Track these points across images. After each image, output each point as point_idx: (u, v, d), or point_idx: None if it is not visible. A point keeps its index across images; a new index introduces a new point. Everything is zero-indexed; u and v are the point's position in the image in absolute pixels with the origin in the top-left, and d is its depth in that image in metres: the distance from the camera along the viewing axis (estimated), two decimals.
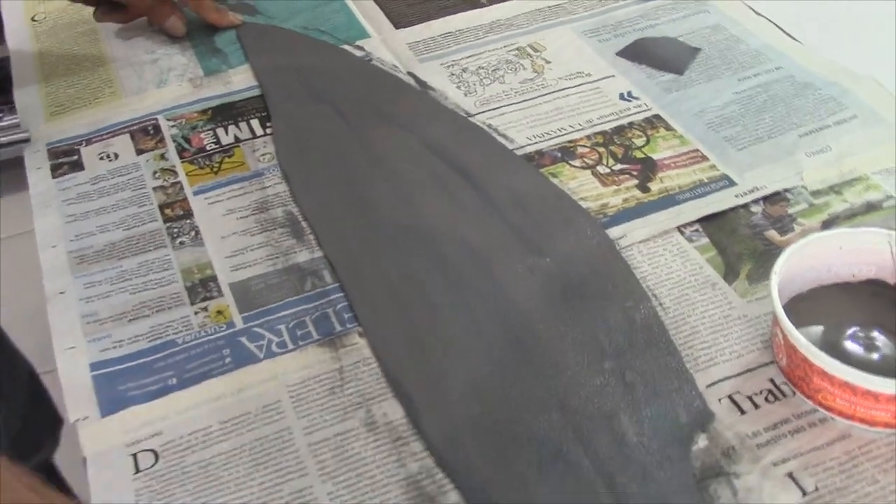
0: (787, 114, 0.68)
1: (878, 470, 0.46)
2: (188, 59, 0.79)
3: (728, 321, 0.54)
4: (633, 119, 0.69)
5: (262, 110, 0.72)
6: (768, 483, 0.46)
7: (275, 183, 0.66)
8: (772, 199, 0.61)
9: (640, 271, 0.57)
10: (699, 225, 0.60)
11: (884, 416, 0.47)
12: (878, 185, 0.62)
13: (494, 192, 0.63)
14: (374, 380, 0.52)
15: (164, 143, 0.70)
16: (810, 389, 0.49)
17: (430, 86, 0.73)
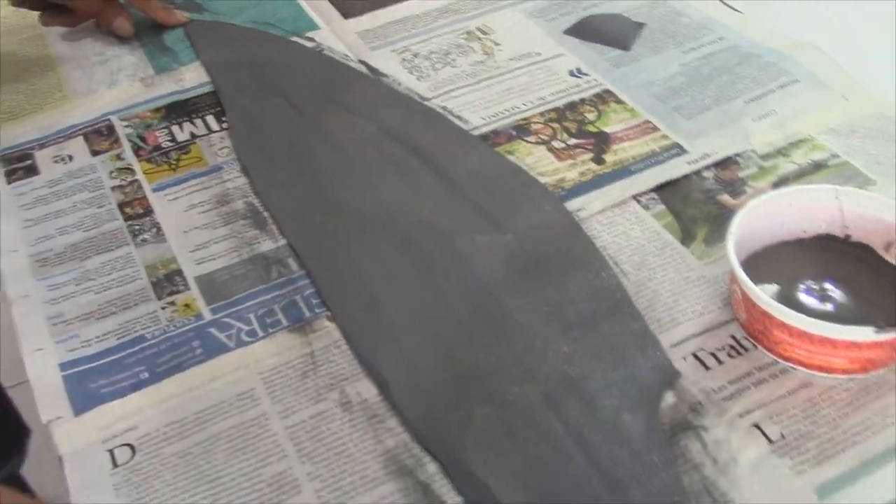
0: (731, 82, 0.69)
1: (839, 414, 0.48)
2: (138, 58, 0.79)
3: (688, 283, 0.55)
4: (584, 95, 0.70)
5: (217, 106, 0.72)
6: (735, 434, 0.47)
7: (234, 176, 0.66)
8: (722, 164, 0.63)
9: (599, 241, 0.58)
10: (654, 193, 0.61)
11: (841, 363, 0.49)
12: (823, 146, 0.64)
13: (453, 172, 0.64)
14: (346, 361, 0.53)
15: (120, 143, 0.70)
16: (770, 342, 0.50)
17: (382, 73, 0.74)
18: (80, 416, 0.51)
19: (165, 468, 0.48)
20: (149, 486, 0.48)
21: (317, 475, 0.47)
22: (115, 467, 0.49)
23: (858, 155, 0.63)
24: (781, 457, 0.46)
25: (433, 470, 0.47)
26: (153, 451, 0.49)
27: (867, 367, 0.49)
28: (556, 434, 0.48)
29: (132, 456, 0.49)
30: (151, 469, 0.48)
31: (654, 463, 0.46)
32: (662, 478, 0.46)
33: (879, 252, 0.54)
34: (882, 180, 0.61)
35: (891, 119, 0.65)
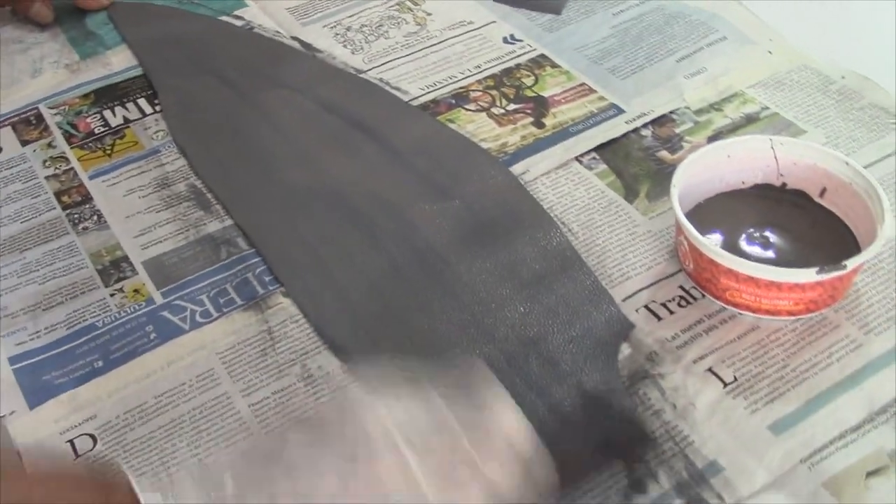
0: (662, 41, 0.71)
1: (787, 354, 0.50)
2: (61, 44, 0.77)
3: (634, 238, 0.57)
4: (520, 61, 0.71)
5: (148, 88, 0.71)
6: (691, 379, 0.49)
7: (173, 159, 0.65)
8: (659, 121, 0.64)
9: (546, 202, 0.59)
10: (595, 153, 0.62)
11: (786, 305, 0.50)
12: (753, 99, 0.65)
13: (395, 142, 0.64)
14: (305, 335, 0.53)
15: (50, 131, 0.68)
16: (718, 289, 0.52)
17: (316, 48, 0.73)
18: (35, 409, 0.50)
19: (130, 454, 0.48)
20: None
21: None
22: (77, 457, 0.48)
23: (787, 106, 0.65)
24: (736, 398, 0.48)
25: None
26: (115, 439, 0.48)
27: (810, 308, 0.51)
28: (519, 391, 0.49)
29: (94, 445, 0.48)
30: (115, 457, 0.48)
31: (616, 413, 0.48)
32: (625, 427, 0.47)
33: (814, 198, 0.56)
34: (811, 129, 0.63)
35: (814, 70, 0.67)
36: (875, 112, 0.64)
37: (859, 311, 0.51)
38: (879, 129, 0.63)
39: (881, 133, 0.62)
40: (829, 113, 0.64)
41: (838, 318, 0.51)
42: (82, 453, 0.48)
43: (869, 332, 0.50)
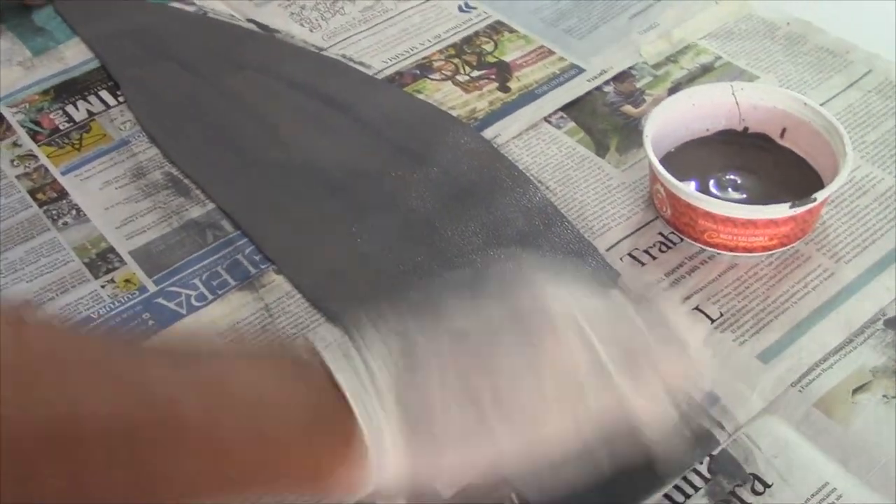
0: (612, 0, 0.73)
1: (766, 287, 0.53)
2: (10, 42, 0.75)
3: (610, 190, 0.59)
4: (477, 28, 0.72)
5: (108, 80, 0.71)
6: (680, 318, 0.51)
7: (144, 148, 0.65)
8: (619, 77, 0.66)
9: (521, 163, 0.61)
10: (562, 112, 0.64)
11: (762, 241, 0.53)
12: (706, 50, 0.68)
13: (366, 116, 0.65)
14: (303, 310, 0.54)
15: (13, 130, 0.67)
16: (696, 232, 0.54)
17: (273, 28, 0.74)
18: None
19: None
20: None
21: None
22: None
23: (738, 55, 0.67)
24: (724, 332, 0.51)
25: None
26: None
27: (783, 243, 0.54)
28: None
29: None
30: None
31: None
32: None
33: (776, 139, 0.59)
34: (763, 75, 0.66)
35: (760, 19, 0.70)
36: (821, 54, 0.67)
37: (828, 241, 0.54)
38: (826, 70, 0.66)
39: (828, 74, 0.65)
40: (777, 58, 0.67)
41: (809, 249, 0.54)
42: None
43: (839, 260, 0.53)
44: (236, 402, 0.34)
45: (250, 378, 0.35)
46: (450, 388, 0.35)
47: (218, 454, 0.33)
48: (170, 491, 0.33)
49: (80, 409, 0.31)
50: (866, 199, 0.56)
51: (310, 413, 0.35)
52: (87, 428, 0.31)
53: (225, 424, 0.33)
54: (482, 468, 0.36)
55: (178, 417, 0.33)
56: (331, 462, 0.35)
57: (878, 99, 0.63)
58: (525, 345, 0.35)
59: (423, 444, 0.35)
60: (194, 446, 0.33)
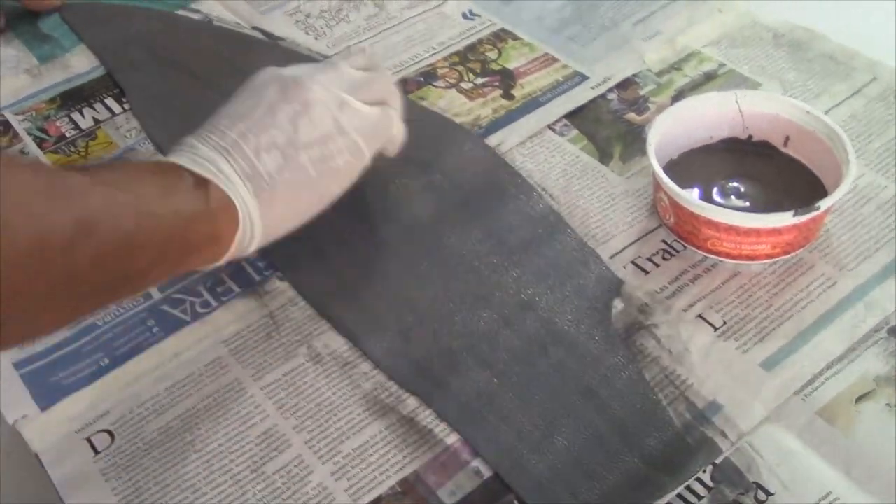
0: (616, 7, 0.73)
1: (770, 296, 0.53)
2: (17, 49, 0.76)
3: (613, 198, 0.59)
4: (482, 35, 0.72)
5: (114, 88, 0.71)
6: (683, 326, 0.51)
7: (150, 155, 0.65)
8: (623, 85, 0.67)
9: (524, 171, 0.61)
10: (566, 120, 0.64)
11: (765, 249, 0.53)
12: (710, 57, 0.68)
13: None
14: (307, 317, 0.54)
15: (20, 137, 0.68)
16: (699, 240, 0.54)
17: (278, 36, 0.74)
18: (47, 411, 0.50)
19: (150, 446, 0.49)
20: (137, 465, 0.48)
21: (303, 427, 0.49)
22: (97, 454, 0.48)
23: (742, 62, 0.67)
24: (727, 340, 0.51)
25: (414, 403, 0.49)
26: (133, 433, 0.49)
27: (787, 251, 0.54)
28: (521, 352, 0.51)
29: (112, 440, 0.49)
30: (135, 450, 0.49)
31: (617, 363, 0.50)
32: (626, 374, 0.49)
33: (779, 147, 0.59)
34: (767, 82, 0.66)
35: (763, 26, 0.70)
36: (824, 62, 0.67)
37: (831, 250, 0.54)
38: (830, 77, 0.66)
39: (832, 82, 0.65)
40: (781, 66, 0.67)
41: (813, 258, 0.54)
42: (102, 450, 0.49)
43: (842, 268, 0.53)
44: (157, 208, 0.44)
45: (157, 188, 0.45)
46: (262, 150, 0.48)
47: (165, 238, 0.44)
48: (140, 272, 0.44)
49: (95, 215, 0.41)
50: (870, 208, 0.56)
51: (201, 198, 0.46)
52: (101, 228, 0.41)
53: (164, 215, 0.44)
54: (306, 199, 0.50)
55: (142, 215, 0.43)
56: (229, 239, 0.47)
57: (882, 107, 0.63)
58: (290, 101, 0.50)
59: (263, 194, 0.47)
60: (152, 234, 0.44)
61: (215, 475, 0.47)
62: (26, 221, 0.38)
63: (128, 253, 0.42)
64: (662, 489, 0.44)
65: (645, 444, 0.46)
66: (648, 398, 0.48)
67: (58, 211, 0.39)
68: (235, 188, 0.47)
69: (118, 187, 0.43)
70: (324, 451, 0.48)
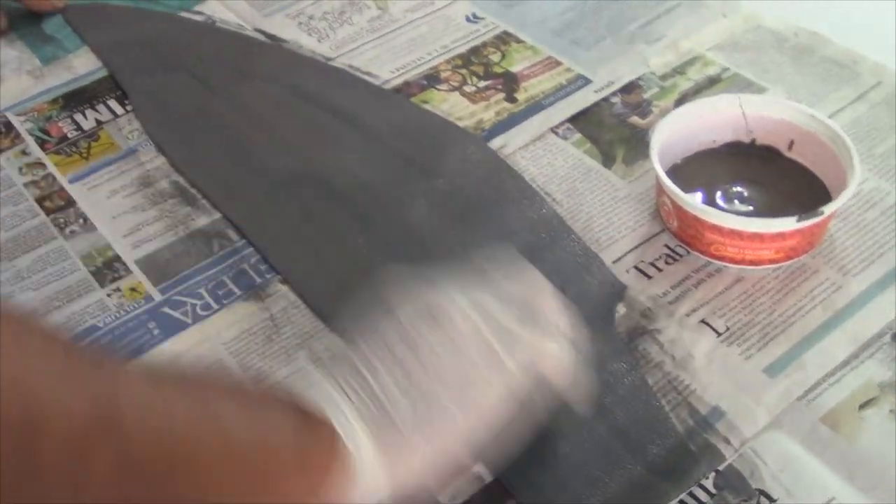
0: (620, 11, 0.73)
1: (773, 301, 0.52)
2: (19, 51, 0.76)
3: (616, 202, 0.59)
4: (485, 38, 0.72)
5: (116, 89, 0.71)
6: (686, 331, 0.51)
7: (152, 157, 0.65)
8: (626, 88, 0.66)
9: (527, 174, 0.61)
10: (569, 123, 0.64)
11: (768, 254, 0.53)
12: (713, 61, 0.68)
13: (373, 126, 0.65)
14: (307, 320, 0.54)
15: (21, 138, 0.68)
16: (703, 244, 0.54)
17: (281, 38, 0.74)
18: None
19: None
20: None
21: None
22: None
23: (746, 66, 0.67)
24: (730, 346, 0.50)
25: None
26: None
27: (790, 256, 0.54)
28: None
29: None
30: None
31: (620, 369, 0.50)
32: (630, 381, 0.49)
33: (783, 151, 0.59)
34: (771, 86, 0.65)
35: (768, 29, 0.70)
36: (829, 66, 0.67)
37: (835, 254, 0.54)
38: (834, 81, 0.65)
39: (836, 86, 0.65)
40: (785, 70, 0.67)
41: (817, 263, 0.54)
42: None
43: (846, 273, 0.53)
44: (230, 430, 0.34)
45: (238, 408, 0.36)
46: (394, 385, 0.38)
47: (232, 470, 0.34)
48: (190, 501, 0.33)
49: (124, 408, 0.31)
50: (874, 213, 0.56)
51: (295, 435, 0.36)
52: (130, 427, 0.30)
53: (237, 439, 0.34)
54: (448, 449, 0.39)
55: (202, 428, 0.33)
56: (321, 478, 0.36)
57: (887, 111, 0.62)
58: (438, 330, 0.40)
59: (389, 440, 0.37)
60: (212, 459, 0.33)
61: None
62: (22, 401, 0.27)
63: (164, 464, 0.31)
64: (665, 496, 0.44)
65: (648, 451, 0.46)
66: (651, 404, 0.48)
67: (71, 393, 0.29)
68: (356, 436, 0.37)
69: (173, 385, 0.34)
70: None
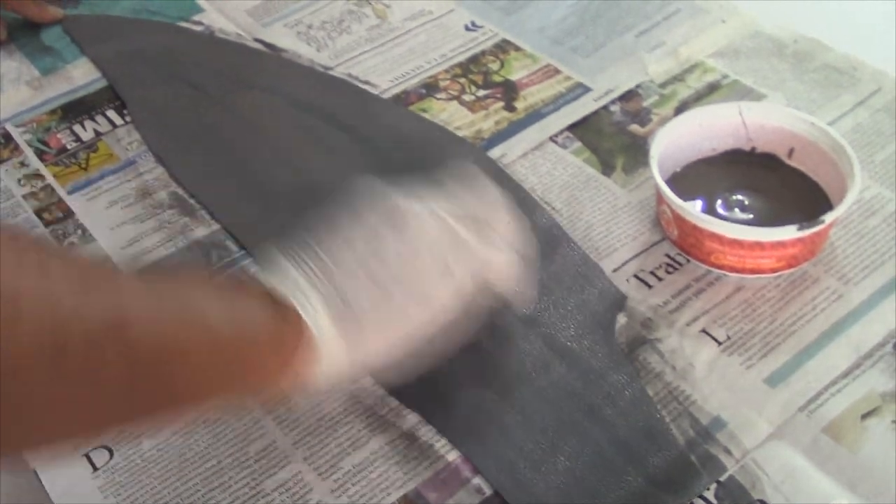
0: (619, 17, 0.73)
1: (774, 309, 0.52)
2: (18, 62, 0.76)
3: (616, 210, 0.59)
4: (484, 47, 0.72)
5: (115, 100, 0.71)
6: (687, 341, 0.51)
7: (151, 168, 0.65)
8: (626, 96, 0.66)
9: (527, 184, 0.61)
10: (568, 132, 0.64)
11: (769, 263, 0.53)
12: (713, 68, 0.68)
13: (372, 137, 0.65)
14: None
15: (20, 150, 0.68)
16: (703, 253, 0.54)
17: (280, 48, 0.74)
18: None
19: (149, 463, 0.48)
20: (136, 482, 0.47)
21: (303, 443, 0.48)
22: (96, 470, 0.48)
23: (746, 73, 0.67)
24: (731, 355, 0.50)
25: (414, 419, 0.49)
26: (131, 449, 0.49)
27: (791, 264, 0.53)
28: (523, 369, 0.50)
29: (111, 457, 0.49)
30: (134, 466, 0.48)
31: (620, 380, 0.49)
32: (630, 392, 0.49)
33: (783, 159, 0.58)
34: (771, 94, 0.65)
35: (767, 36, 0.70)
36: (828, 72, 0.66)
37: (836, 263, 0.54)
38: (834, 88, 0.65)
39: (836, 92, 0.65)
40: (785, 76, 0.67)
41: (817, 271, 0.54)
42: (100, 467, 0.48)
43: (847, 282, 0.53)
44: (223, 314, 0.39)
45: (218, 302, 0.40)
46: (356, 279, 0.42)
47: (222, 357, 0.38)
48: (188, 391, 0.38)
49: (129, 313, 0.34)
50: (875, 220, 0.56)
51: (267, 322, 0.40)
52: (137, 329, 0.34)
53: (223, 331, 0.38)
54: (399, 336, 0.43)
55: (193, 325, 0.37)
56: (291, 356, 0.40)
57: (887, 118, 0.62)
58: (398, 235, 0.44)
59: (348, 326, 0.41)
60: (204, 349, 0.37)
61: (214, 492, 0.47)
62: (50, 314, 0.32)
63: (164, 360, 0.36)
64: None
65: (648, 463, 0.46)
66: (652, 416, 0.47)
67: (88, 306, 0.33)
68: (318, 320, 0.41)
69: (167, 290, 0.38)
70: (324, 468, 0.47)
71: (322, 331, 0.41)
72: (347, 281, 0.42)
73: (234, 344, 0.39)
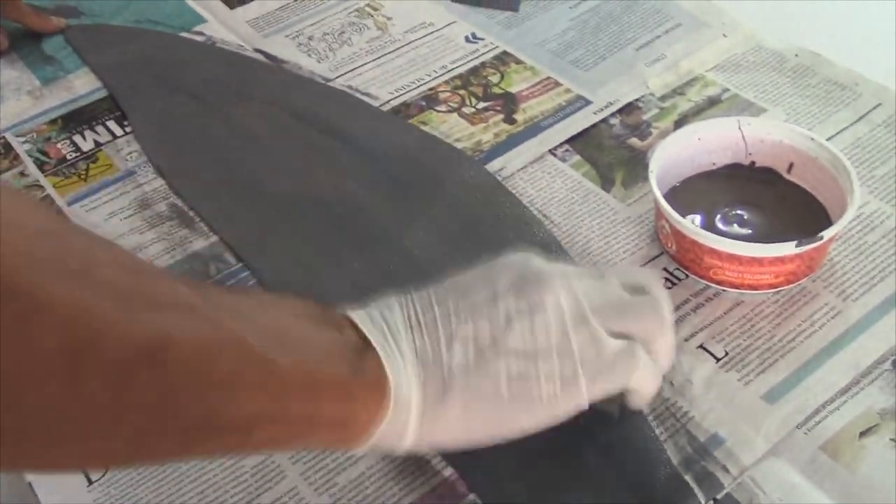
0: (620, 31, 0.73)
1: (772, 325, 0.52)
2: (20, 71, 0.76)
3: (615, 225, 0.58)
4: (484, 59, 0.72)
5: (116, 110, 0.71)
6: (685, 357, 0.51)
7: (150, 179, 0.65)
8: (626, 110, 0.66)
9: (526, 197, 0.61)
10: (568, 145, 0.64)
11: (768, 279, 0.53)
12: (713, 82, 0.68)
13: (371, 149, 0.65)
14: None
15: (20, 160, 0.68)
16: (702, 269, 0.54)
17: (281, 59, 0.74)
18: None
19: (144, 477, 0.48)
20: (131, 496, 0.47)
21: (298, 458, 0.48)
22: (91, 484, 0.48)
23: (746, 87, 0.67)
24: (729, 371, 0.50)
25: None
26: None
27: (790, 280, 0.53)
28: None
29: (106, 471, 0.48)
30: (129, 480, 0.48)
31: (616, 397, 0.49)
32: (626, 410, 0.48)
33: (783, 174, 0.58)
34: (771, 108, 0.65)
35: (768, 50, 0.70)
36: (829, 87, 0.66)
37: (835, 279, 0.54)
38: (835, 103, 0.65)
39: (837, 107, 0.65)
40: (785, 91, 0.67)
41: (816, 287, 0.54)
42: (95, 480, 0.48)
43: (847, 298, 0.53)
44: (289, 345, 0.36)
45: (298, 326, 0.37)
46: (454, 331, 0.38)
47: (273, 392, 0.35)
48: (229, 426, 0.34)
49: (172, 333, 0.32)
50: (874, 236, 0.56)
51: (348, 363, 0.37)
52: (177, 351, 0.32)
53: (280, 364, 0.35)
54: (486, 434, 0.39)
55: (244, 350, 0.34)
56: (354, 411, 0.37)
57: (887, 133, 0.62)
58: (520, 297, 0.40)
59: (431, 385, 0.38)
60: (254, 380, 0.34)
61: None
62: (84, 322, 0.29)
63: (202, 387, 0.32)
64: None
65: (644, 483, 0.45)
66: (648, 435, 0.47)
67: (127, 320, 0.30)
68: (400, 367, 0.37)
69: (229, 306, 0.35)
70: (319, 483, 0.47)
71: (401, 388, 0.37)
72: (442, 330, 0.38)
73: (290, 381, 0.35)
